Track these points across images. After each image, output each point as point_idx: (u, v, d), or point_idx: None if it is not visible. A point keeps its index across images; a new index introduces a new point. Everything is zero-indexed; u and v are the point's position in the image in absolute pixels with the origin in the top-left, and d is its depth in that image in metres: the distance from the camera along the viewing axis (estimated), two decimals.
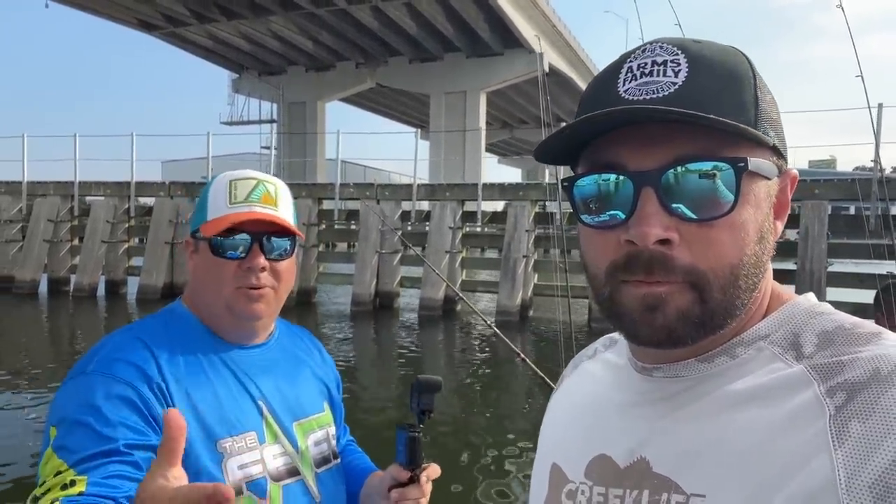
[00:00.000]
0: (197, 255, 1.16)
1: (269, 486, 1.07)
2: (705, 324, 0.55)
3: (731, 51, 0.57)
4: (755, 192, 0.55)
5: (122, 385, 0.98)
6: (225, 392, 1.08)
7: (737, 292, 0.54)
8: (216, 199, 1.14)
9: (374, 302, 14.25)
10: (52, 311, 14.46)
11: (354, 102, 40.31)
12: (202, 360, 1.10)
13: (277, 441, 1.12)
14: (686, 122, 0.51)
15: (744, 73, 0.55)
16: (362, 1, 25.20)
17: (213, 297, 1.13)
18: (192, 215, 1.20)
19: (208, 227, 1.12)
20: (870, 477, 0.46)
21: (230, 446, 1.04)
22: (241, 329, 1.15)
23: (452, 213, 14.06)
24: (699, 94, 0.53)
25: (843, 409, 0.48)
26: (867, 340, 0.52)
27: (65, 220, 16.48)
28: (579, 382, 0.74)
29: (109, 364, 1.01)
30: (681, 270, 0.53)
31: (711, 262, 0.53)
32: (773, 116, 0.56)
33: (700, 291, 0.53)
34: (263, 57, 32.81)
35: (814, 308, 0.58)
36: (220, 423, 1.05)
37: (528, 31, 27.60)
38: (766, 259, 0.57)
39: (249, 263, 1.11)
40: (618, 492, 0.59)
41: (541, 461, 0.72)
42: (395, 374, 9.44)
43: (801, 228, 10.90)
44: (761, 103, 0.55)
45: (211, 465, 1.02)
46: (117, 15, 28.40)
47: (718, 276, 0.53)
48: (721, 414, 0.54)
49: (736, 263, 0.54)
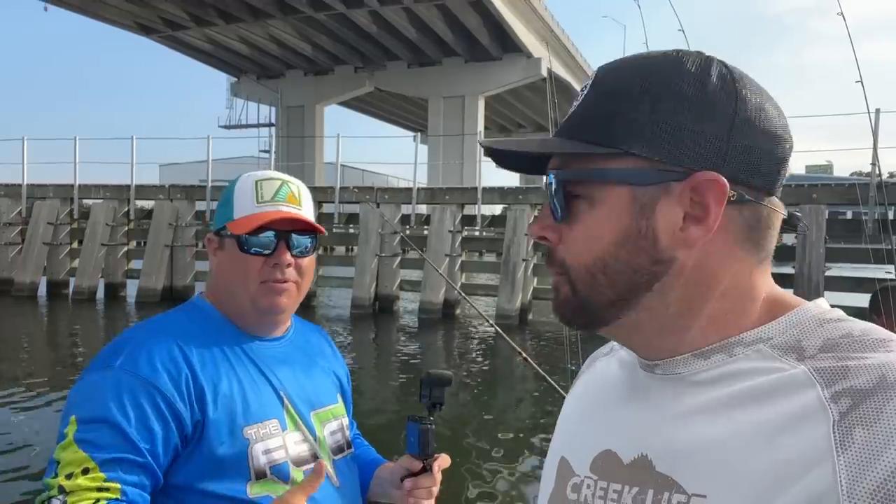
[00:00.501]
0: (222, 251, 1.20)
1: (292, 470, 1.12)
2: (582, 311, 0.62)
3: (636, 64, 0.59)
4: (612, 198, 0.58)
5: (149, 387, 1.02)
6: (249, 382, 1.13)
7: (599, 288, 0.59)
8: (242, 199, 1.19)
9: (373, 305, 14.26)
10: (51, 313, 14.44)
11: (353, 106, 40.38)
12: (226, 351, 1.15)
13: (298, 429, 1.17)
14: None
15: (619, 88, 0.58)
16: (361, 5, 25.26)
17: (238, 291, 1.18)
18: (215, 214, 1.24)
19: (236, 226, 1.17)
20: (871, 484, 0.46)
21: (255, 433, 1.09)
22: (263, 322, 1.21)
23: (452, 217, 14.10)
24: (576, 116, 0.61)
25: (847, 415, 0.48)
26: (874, 346, 0.52)
27: (64, 223, 16.46)
28: (593, 379, 0.76)
29: (136, 361, 1.05)
30: (557, 263, 0.62)
31: (573, 258, 0.61)
32: (650, 125, 0.56)
33: (571, 283, 0.61)
34: (262, 61, 32.85)
35: (823, 315, 0.58)
36: (246, 411, 1.10)
37: (526, 37, 27.71)
38: (644, 262, 0.57)
39: (276, 260, 1.17)
40: (617, 486, 0.60)
41: (551, 455, 0.73)
42: (395, 377, 9.46)
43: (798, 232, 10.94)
44: (629, 116, 0.57)
45: (237, 450, 1.07)
46: (116, 18, 28.43)
47: (578, 272, 0.60)
48: (722, 413, 0.55)
49: (589, 263, 0.59)
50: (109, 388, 1.01)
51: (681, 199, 0.57)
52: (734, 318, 0.59)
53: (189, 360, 1.08)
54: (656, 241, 0.57)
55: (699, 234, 0.57)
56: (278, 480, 1.10)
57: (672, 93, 0.57)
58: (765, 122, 0.58)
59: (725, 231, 0.57)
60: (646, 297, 0.59)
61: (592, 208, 0.59)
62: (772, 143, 0.58)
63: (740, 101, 0.57)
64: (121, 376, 1.03)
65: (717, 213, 0.56)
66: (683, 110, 0.56)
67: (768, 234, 0.60)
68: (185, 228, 15.64)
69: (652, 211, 0.57)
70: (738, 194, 0.56)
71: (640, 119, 0.57)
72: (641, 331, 0.61)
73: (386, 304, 14.30)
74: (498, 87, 30.55)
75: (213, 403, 1.07)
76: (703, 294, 0.59)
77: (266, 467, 1.09)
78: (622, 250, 0.58)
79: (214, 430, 1.06)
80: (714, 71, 0.58)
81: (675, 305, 0.59)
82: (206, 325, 1.18)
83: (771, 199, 0.59)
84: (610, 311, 0.60)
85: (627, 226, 0.58)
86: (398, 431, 1.36)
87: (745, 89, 0.57)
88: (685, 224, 0.57)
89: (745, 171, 0.57)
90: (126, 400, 1.00)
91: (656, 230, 0.57)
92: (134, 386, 1.02)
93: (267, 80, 34.61)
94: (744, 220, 0.58)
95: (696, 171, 0.56)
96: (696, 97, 0.56)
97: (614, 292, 0.59)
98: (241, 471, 1.07)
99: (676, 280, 0.58)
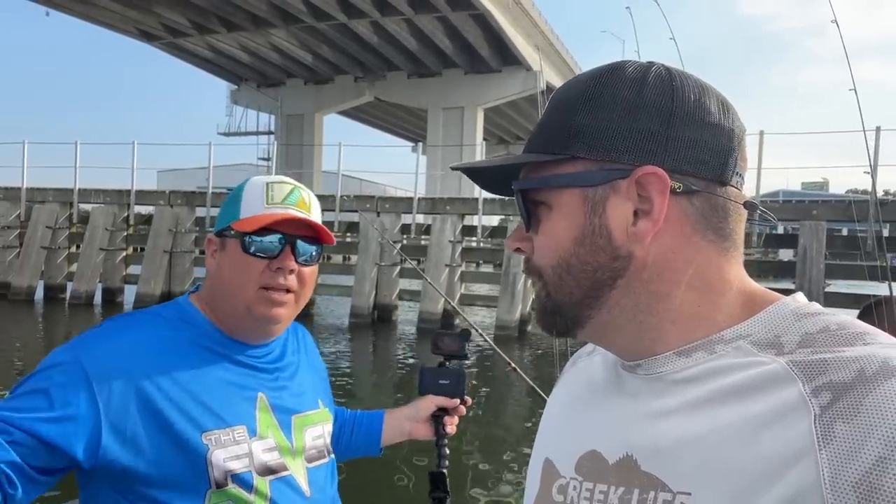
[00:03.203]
0: (222, 253, 1.14)
1: (255, 479, 1.07)
2: (557, 313, 0.64)
3: (583, 76, 0.64)
4: (566, 201, 0.61)
5: (90, 380, 0.99)
6: (219, 386, 1.09)
7: (567, 288, 0.62)
8: (251, 199, 1.14)
9: (372, 314, 14.25)
10: (48, 318, 14.36)
11: (352, 116, 40.47)
12: (200, 355, 1.10)
13: (270, 435, 1.12)
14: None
15: (566, 99, 0.63)
16: (362, 16, 25.42)
17: (235, 295, 1.12)
18: (218, 215, 1.19)
19: (242, 225, 1.11)
20: (854, 477, 0.46)
21: (216, 438, 1.05)
22: (254, 330, 1.15)
23: (453, 227, 14.13)
24: (533, 132, 0.66)
25: (828, 409, 0.49)
26: (852, 340, 0.53)
27: (63, 227, 16.38)
28: (576, 379, 0.76)
29: (92, 349, 1.03)
30: (534, 271, 0.65)
31: (542, 262, 0.64)
32: (593, 128, 0.60)
33: (546, 287, 0.64)
34: (263, 69, 32.95)
35: (800, 309, 0.58)
36: (208, 416, 1.05)
37: (526, 50, 27.88)
38: (603, 259, 0.60)
39: (280, 264, 1.11)
40: (603, 487, 0.61)
41: (535, 456, 0.73)
42: (392, 386, 9.45)
43: (798, 249, 11.04)
44: (573, 122, 0.61)
45: (193, 457, 1.02)
46: (118, 25, 28.49)
47: (548, 275, 0.63)
48: (705, 411, 0.55)
49: (554, 264, 0.62)
50: (55, 366, 1.00)
51: (628, 195, 0.59)
52: (707, 310, 0.60)
53: (150, 362, 1.04)
54: (611, 237, 0.60)
55: (648, 226, 0.59)
56: (240, 489, 1.05)
57: (611, 97, 0.60)
58: (705, 115, 0.60)
59: (679, 222, 0.59)
60: (612, 295, 0.61)
61: (551, 213, 0.62)
62: (714, 134, 0.60)
63: (677, 98, 0.59)
64: (67, 359, 1.01)
65: (662, 204, 0.58)
66: (621, 111, 0.59)
67: (728, 221, 0.61)
68: (184, 234, 15.61)
69: (603, 209, 0.60)
70: (685, 185, 0.58)
71: (583, 124, 0.60)
72: (618, 331, 0.62)
73: (385, 314, 14.28)
74: (497, 98, 30.71)
75: (168, 409, 1.02)
76: (668, 287, 0.60)
77: (227, 475, 1.04)
78: (581, 249, 0.60)
79: (172, 435, 1.02)
80: (651, 73, 0.61)
81: (644, 300, 0.60)
82: (187, 328, 1.13)
83: (725, 189, 0.60)
84: (580, 310, 0.62)
85: (582, 225, 0.60)
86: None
87: (683, 87, 0.60)
88: (635, 219, 0.59)
89: (689, 162, 0.59)
90: (56, 380, 0.98)
91: (609, 227, 0.60)
92: (78, 374, 0.99)
93: (267, 89, 34.68)
94: (696, 210, 0.59)
95: (638, 166, 0.58)
96: (633, 98, 0.59)
97: (581, 292, 0.61)
98: (198, 477, 1.02)
99: (639, 275, 0.60)
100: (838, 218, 11.32)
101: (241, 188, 1.18)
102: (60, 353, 1.03)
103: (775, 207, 12.30)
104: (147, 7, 25.83)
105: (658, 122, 0.59)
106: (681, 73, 0.62)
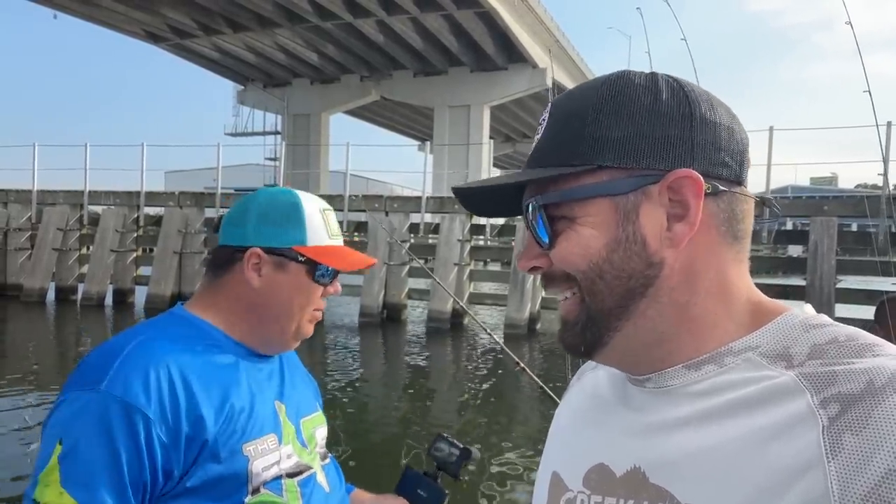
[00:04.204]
0: (279, 272, 1.15)
1: (285, 482, 1.12)
2: (589, 323, 0.62)
3: (588, 87, 0.63)
4: (595, 212, 0.60)
5: (140, 417, 0.96)
6: (251, 398, 1.12)
7: (600, 295, 0.61)
8: (315, 227, 1.19)
9: (381, 314, 14.29)
10: (59, 319, 14.46)
11: (358, 115, 40.48)
12: (230, 368, 1.13)
13: (291, 440, 1.17)
14: None
15: (578, 110, 0.62)
16: (368, 15, 25.42)
17: (290, 316, 1.17)
18: (265, 229, 1.16)
19: (316, 253, 1.17)
20: (863, 489, 0.46)
21: (254, 449, 1.08)
22: (285, 346, 1.23)
23: (461, 226, 14.14)
24: (540, 144, 0.64)
25: (836, 420, 0.49)
26: (861, 352, 0.53)
27: (74, 229, 16.50)
28: (582, 392, 0.76)
29: (127, 383, 0.97)
30: (560, 278, 0.63)
31: (571, 268, 0.62)
32: (616, 136, 0.60)
33: (580, 290, 0.62)
34: (269, 69, 33.01)
35: (808, 321, 0.58)
36: (246, 429, 1.09)
37: (532, 47, 27.83)
38: (638, 266, 0.59)
39: (333, 290, 1.23)
40: (612, 500, 0.61)
41: (543, 469, 0.73)
42: (402, 387, 9.46)
43: (809, 245, 11.00)
44: (593, 132, 0.60)
45: (237, 468, 1.06)
46: (124, 26, 28.60)
47: (580, 278, 0.61)
48: (713, 423, 0.55)
49: (585, 269, 0.61)
50: (97, 417, 0.94)
51: (660, 200, 0.59)
52: (722, 319, 0.60)
53: (187, 380, 1.02)
54: (645, 243, 0.59)
55: (684, 230, 0.59)
56: (272, 494, 1.10)
57: (630, 105, 0.60)
58: (719, 117, 0.61)
59: (707, 225, 0.60)
60: (641, 304, 0.60)
61: (574, 225, 0.61)
62: (729, 135, 0.61)
63: (692, 102, 0.60)
64: (110, 404, 0.95)
65: (697, 206, 0.59)
66: (644, 118, 0.60)
67: (745, 224, 0.62)
68: (193, 235, 15.67)
69: (636, 216, 0.59)
70: (713, 186, 0.59)
71: (605, 133, 0.60)
72: (637, 345, 0.62)
73: (394, 313, 14.31)
74: (503, 96, 30.66)
75: (215, 425, 1.03)
76: (689, 294, 0.60)
77: (262, 483, 1.09)
78: (615, 256, 0.60)
79: (213, 452, 1.03)
80: (661, 81, 0.62)
81: (667, 311, 0.60)
82: (205, 341, 1.13)
83: (741, 187, 0.62)
84: (609, 320, 0.61)
85: (615, 234, 0.60)
86: (402, 444, 1.44)
87: (692, 93, 0.61)
88: (669, 224, 0.59)
89: (713, 164, 0.60)
90: (117, 433, 0.94)
91: (643, 233, 0.59)
92: (124, 414, 0.95)
93: (273, 89, 34.75)
94: (721, 212, 0.60)
95: (670, 170, 0.59)
96: (652, 105, 0.60)
97: (612, 300, 0.60)
98: (239, 488, 1.06)
99: (666, 283, 0.60)
100: (849, 214, 11.26)
101: (297, 207, 1.18)
102: (85, 394, 0.97)
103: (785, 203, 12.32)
104: (153, 8, 25.93)
105: (681, 128, 0.59)
106: (684, 80, 0.63)
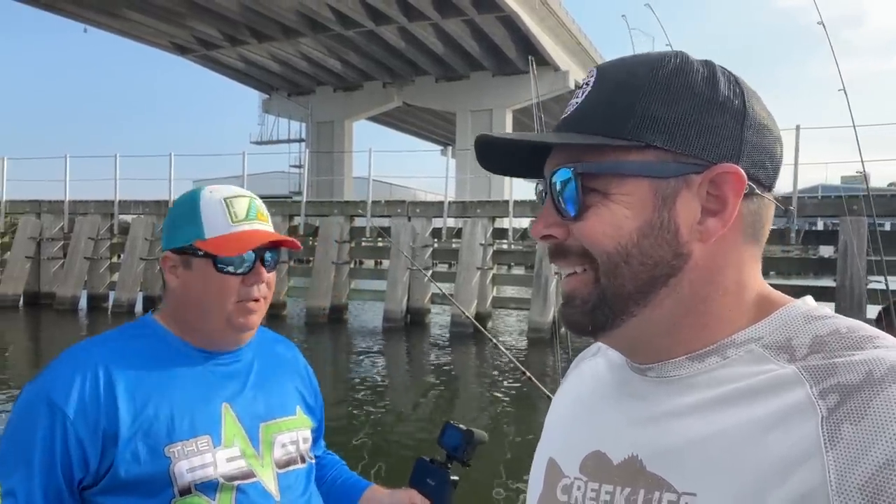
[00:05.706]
0: (188, 271, 1.17)
1: (221, 485, 1.11)
2: (600, 304, 0.60)
3: (642, 61, 0.60)
4: (632, 191, 0.58)
5: (58, 411, 1.05)
6: (182, 399, 1.12)
7: (621, 279, 0.58)
8: (212, 217, 1.16)
9: (405, 318, 14.34)
10: (91, 326, 14.77)
11: (381, 121, 40.81)
12: (164, 370, 1.14)
13: (236, 443, 1.15)
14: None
15: (632, 83, 0.59)
16: (390, 22, 25.61)
17: (212, 310, 1.16)
18: (171, 232, 1.20)
19: (212, 246, 1.15)
20: (860, 479, 0.46)
21: (179, 450, 1.09)
22: (229, 340, 1.20)
23: (484, 230, 14.14)
24: (584, 110, 0.61)
25: (835, 411, 0.49)
26: (862, 344, 0.53)
27: (105, 238, 16.90)
28: (580, 380, 0.75)
29: (57, 387, 1.07)
30: (575, 254, 0.60)
31: (593, 247, 0.59)
32: (669, 118, 0.57)
33: (595, 272, 0.60)
34: (293, 78, 33.43)
35: (810, 312, 0.58)
36: (170, 430, 1.09)
37: (554, 50, 27.77)
38: (666, 254, 0.58)
39: (254, 279, 1.17)
40: (609, 487, 0.60)
41: (539, 456, 0.73)
42: (424, 389, 9.49)
43: (839, 245, 10.78)
44: (646, 109, 0.57)
45: (157, 470, 1.07)
46: (153, 39, 29.24)
47: (602, 259, 0.59)
48: (712, 413, 0.55)
49: (612, 251, 0.58)
50: (25, 416, 1.07)
51: (699, 191, 0.58)
52: (735, 314, 0.59)
53: (113, 386, 1.08)
54: (677, 233, 0.58)
55: (717, 226, 0.58)
56: (202, 496, 1.09)
57: (687, 88, 0.58)
58: (767, 120, 0.60)
59: (737, 225, 0.59)
60: (661, 293, 0.59)
61: (606, 201, 0.58)
62: (773, 141, 0.60)
63: (747, 99, 0.59)
64: (36, 397, 1.07)
65: (735, 204, 0.57)
66: (700, 105, 0.58)
67: (766, 228, 0.62)
68: None
69: (673, 203, 0.58)
70: (750, 187, 0.58)
71: (659, 112, 0.57)
72: (650, 333, 0.61)
73: (418, 318, 14.36)
74: (525, 100, 30.55)
75: (132, 426, 1.07)
76: (710, 290, 0.59)
77: (191, 484, 1.08)
78: (645, 241, 0.58)
79: (132, 451, 1.06)
80: (719, 71, 0.60)
81: (686, 303, 0.59)
82: (149, 345, 1.17)
83: (770, 193, 0.61)
84: (627, 305, 0.59)
85: (650, 218, 0.58)
86: (423, 441, 1.44)
87: (747, 90, 0.60)
88: (702, 217, 0.58)
89: (755, 166, 0.59)
90: (36, 424, 1.04)
91: (677, 222, 0.58)
92: (45, 409, 1.05)
93: (297, 97, 35.18)
94: (751, 214, 0.59)
95: (716, 163, 0.57)
96: (710, 94, 0.58)
97: (633, 285, 0.59)
98: (164, 488, 1.07)
99: (689, 275, 0.58)
100: (881, 213, 10.99)
101: (194, 203, 1.18)
102: (31, 392, 1.09)
103: (814, 203, 12.11)
104: (180, 21, 26.47)
105: (733, 122, 0.58)
106: (739, 76, 0.61)
